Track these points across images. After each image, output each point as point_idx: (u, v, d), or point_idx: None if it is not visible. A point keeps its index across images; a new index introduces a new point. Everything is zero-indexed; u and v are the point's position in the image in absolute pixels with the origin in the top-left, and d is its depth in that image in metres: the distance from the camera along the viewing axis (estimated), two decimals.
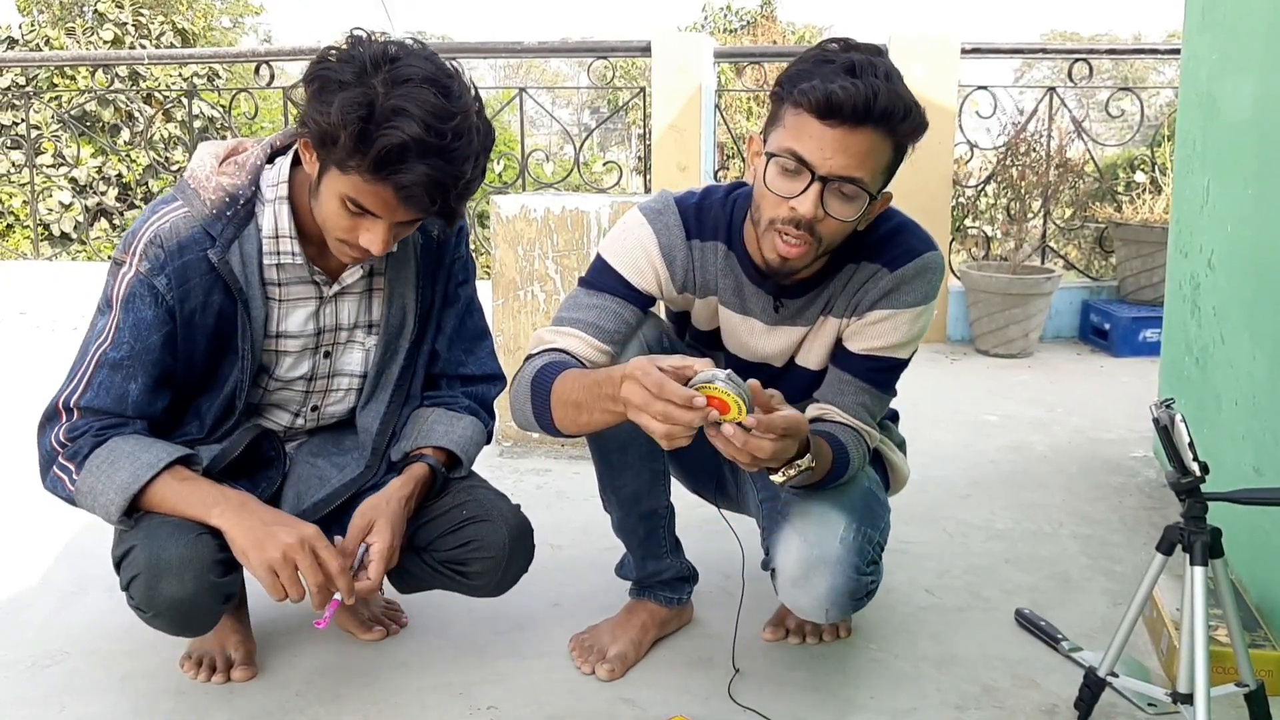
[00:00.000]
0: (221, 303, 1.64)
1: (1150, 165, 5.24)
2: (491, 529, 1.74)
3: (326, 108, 1.44)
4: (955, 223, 5.12)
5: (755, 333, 1.77)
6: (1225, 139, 2.44)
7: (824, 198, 1.51)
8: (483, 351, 1.90)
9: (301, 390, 1.79)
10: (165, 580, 1.54)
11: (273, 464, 1.80)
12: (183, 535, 1.56)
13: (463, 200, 1.53)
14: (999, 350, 4.46)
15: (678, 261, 1.73)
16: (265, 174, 1.65)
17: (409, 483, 1.73)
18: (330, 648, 1.94)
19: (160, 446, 1.61)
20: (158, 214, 1.61)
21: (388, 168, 1.44)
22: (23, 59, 8.84)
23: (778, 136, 1.53)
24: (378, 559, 1.64)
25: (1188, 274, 2.72)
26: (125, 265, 1.60)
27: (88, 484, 1.58)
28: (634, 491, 1.86)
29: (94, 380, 1.60)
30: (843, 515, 1.66)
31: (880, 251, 1.68)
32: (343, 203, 1.51)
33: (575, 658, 1.90)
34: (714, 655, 1.92)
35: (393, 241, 1.56)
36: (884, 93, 1.46)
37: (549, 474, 2.92)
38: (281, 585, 1.53)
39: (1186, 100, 2.83)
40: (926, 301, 1.69)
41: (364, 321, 1.79)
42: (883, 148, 1.51)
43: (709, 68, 4.82)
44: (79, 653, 1.93)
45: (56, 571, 2.28)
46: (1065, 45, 4.84)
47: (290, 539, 1.53)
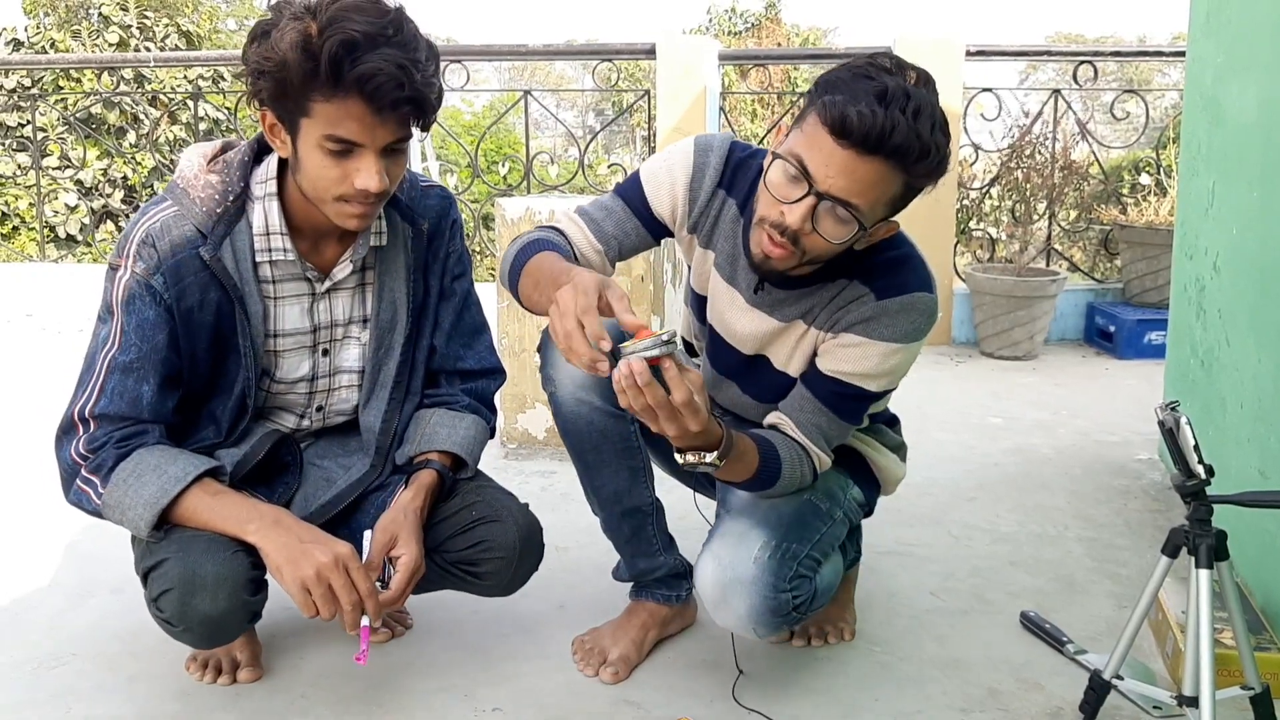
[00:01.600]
0: (219, 301, 1.64)
1: (1155, 168, 5.22)
2: (501, 529, 1.74)
3: (271, 49, 1.47)
4: (960, 225, 5.12)
5: (735, 307, 1.75)
6: (1230, 142, 2.44)
7: (816, 214, 1.49)
8: (481, 346, 1.90)
9: (305, 392, 1.80)
10: (199, 597, 1.55)
11: (289, 469, 1.80)
12: (218, 552, 1.57)
13: (431, 90, 1.52)
14: (1003, 352, 4.45)
15: (699, 201, 1.73)
16: (254, 172, 1.66)
17: (419, 493, 1.73)
18: (335, 650, 1.94)
19: (186, 459, 1.61)
20: (148, 215, 1.62)
21: (344, 69, 1.45)
22: (28, 61, 8.87)
23: (794, 139, 1.51)
24: (403, 570, 1.64)
25: (1193, 277, 2.71)
26: (121, 269, 1.60)
27: (115, 498, 1.58)
28: (614, 490, 1.86)
29: (107, 386, 1.60)
30: (762, 533, 1.66)
31: (875, 276, 1.64)
32: (324, 151, 1.52)
33: (578, 661, 1.90)
34: (718, 657, 1.92)
35: (386, 177, 1.55)
36: (902, 128, 1.41)
37: (554, 476, 2.92)
38: (314, 603, 1.54)
39: (1191, 103, 2.83)
40: (905, 340, 1.63)
41: (358, 316, 1.79)
42: (891, 181, 1.47)
43: (713, 70, 4.82)
44: (85, 654, 1.93)
45: (63, 573, 2.28)
46: (1070, 47, 4.81)
47: (325, 558, 1.54)
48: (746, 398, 1.83)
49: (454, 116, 12.07)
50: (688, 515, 2.09)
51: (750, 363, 1.79)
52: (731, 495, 1.79)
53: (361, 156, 1.53)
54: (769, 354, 1.76)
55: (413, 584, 1.66)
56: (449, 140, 6.82)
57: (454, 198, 1.87)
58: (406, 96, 1.48)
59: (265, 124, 1.57)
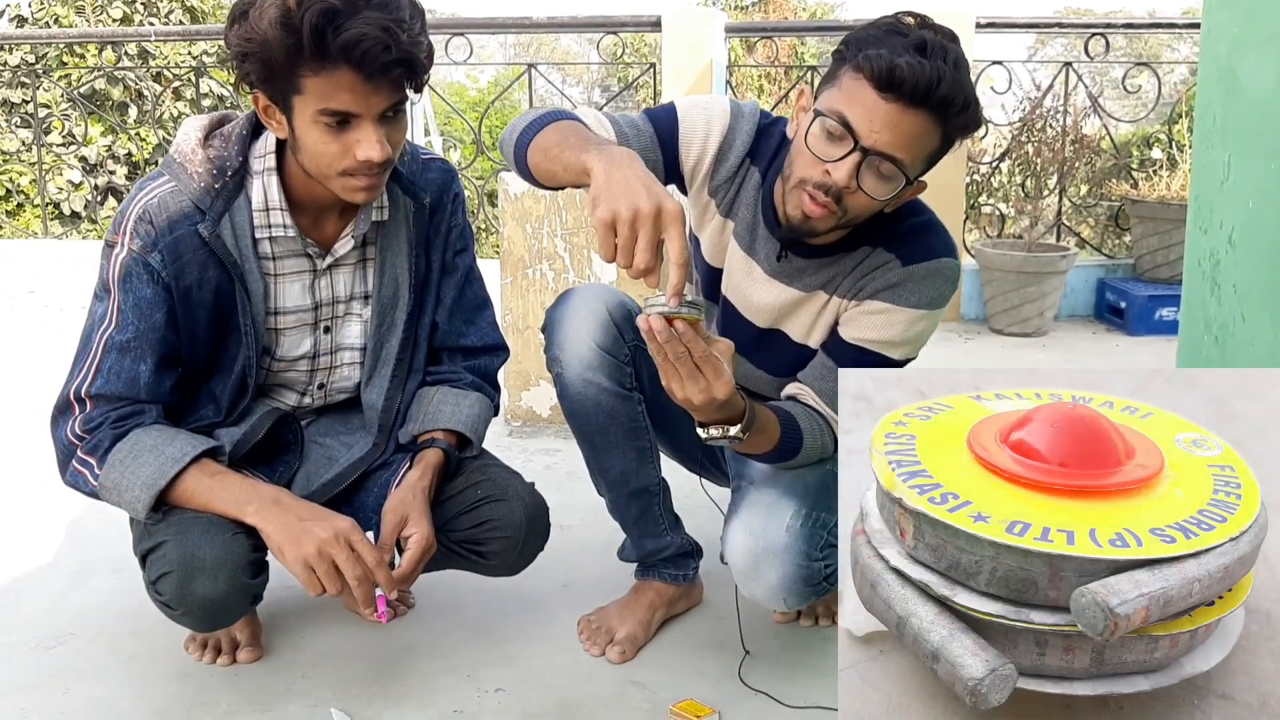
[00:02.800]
0: (218, 278, 1.61)
1: (1167, 142, 5.16)
2: (508, 508, 1.72)
3: (251, 29, 1.44)
4: (969, 200, 5.07)
5: (754, 278, 1.72)
6: (1246, 114, 2.39)
7: (860, 170, 1.47)
8: (484, 322, 1.87)
9: (306, 370, 1.77)
10: (199, 580, 1.53)
11: (290, 448, 1.78)
12: (218, 534, 1.54)
13: (419, 49, 1.48)
14: (1013, 329, 4.42)
15: (726, 166, 1.69)
16: (253, 146, 1.63)
17: (426, 472, 1.71)
18: (337, 630, 1.93)
19: (184, 439, 1.59)
20: (145, 191, 1.59)
21: (328, 39, 1.41)
22: (30, 35, 8.82)
23: (830, 97, 1.48)
24: (414, 547, 1.62)
25: (1207, 251, 2.67)
26: (117, 246, 1.57)
27: (112, 479, 1.56)
28: (621, 471, 1.84)
29: (103, 365, 1.58)
30: (791, 501, 1.65)
31: (899, 243, 1.63)
32: (321, 126, 1.49)
33: (584, 640, 1.89)
34: (724, 638, 1.90)
35: (388, 145, 1.51)
36: (949, 79, 1.42)
37: (558, 454, 2.89)
38: (319, 580, 1.52)
39: (1206, 75, 2.77)
40: (930, 307, 1.63)
41: (360, 293, 1.76)
42: (932, 135, 1.47)
43: (720, 43, 4.77)
44: (84, 634, 1.92)
45: (63, 553, 2.27)
46: (1081, 19, 4.75)
47: (325, 534, 1.52)
48: (760, 372, 1.80)
49: (459, 93, 12.01)
50: (693, 494, 2.06)
51: (764, 336, 1.76)
52: (750, 467, 1.77)
53: (360, 127, 1.50)
54: (785, 327, 1.73)
55: (424, 561, 1.64)
56: (454, 117, 6.77)
57: (456, 171, 1.83)
58: (396, 59, 1.44)
59: (259, 107, 1.54)
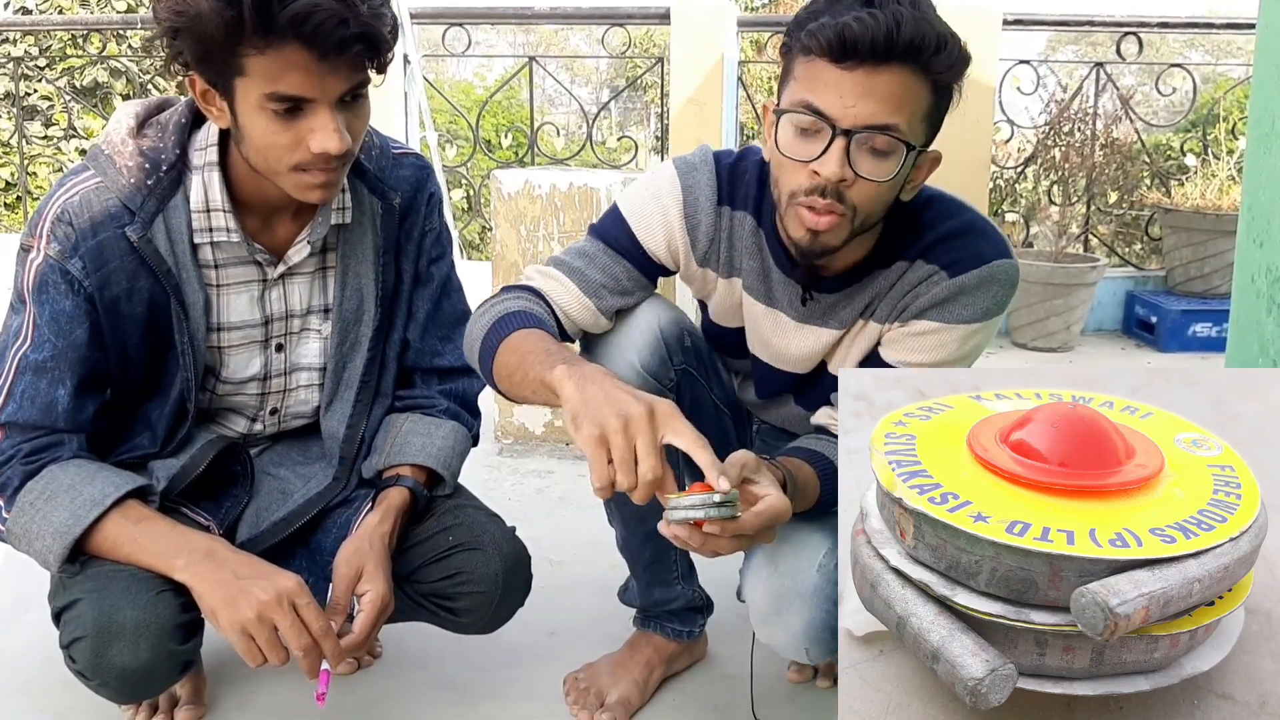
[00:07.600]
0: (151, 289, 1.40)
1: (1202, 148, 4.93)
2: (483, 559, 1.51)
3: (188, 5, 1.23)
4: (993, 207, 4.85)
5: (781, 329, 1.51)
6: None
7: (850, 155, 1.24)
8: (461, 339, 1.65)
9: (256, 393, 1.56)
10: (116, 647, 1.32)
11: (238, 480, 1.57)
12: (140, 593, 1.33)
13: (381, 21, 1.28)
14: (1038, 343, 4.22)
15: (702, 228, 1.47)
16: (193, 137, 1.41)
17: (387, 516, 1.50)
18: (291, 684, 1.71)
19: (105, 477, 1.38)
20: (65, 187, 1.37)
21: (274, 11, 1.21)
22: (29, 22, 8.67)
23: (789, 91, 1.28)
24: (369, 609, 1.41)
25: (1263, 266, 2.45)
26: (33, 251, 1.36)
27: (20, 525, 1.35)
28: (639, 508, 1.62)
29: (15, 389, 1.37)
30: (824, 538, 1.44)
31: (941, 252, 1.40)
32: (268, 114, 1.28)
33: (571, 704, 1.67)
34: (731, 701, 1.69)
35: (347, 134, 1.31)
36: (908, 21, 1.20)
37: (551, 476, 2.67)
38: (259, 650, 1.31)
39: (1263, 73, 2.55)
40: (986, 318, 1.41)
41: (318, 306, 1.55)
42: (917, 89, 1.24)
43: (732, 38, 4.57)
44: (11, 686, 1.71)
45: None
46: (1113, 17, 4.53)
47: (266, 595, 1.30)
48: (799, 409, 1.61)
49: (466, 91, 11.85)
50: None
51: (804, 378, 1.56)
52: None
53: (314, 114, 1.29)
54: (832, 366, 1.53)
55: (380, 624, 1.43)
56: (457, 116, 6.57)
57: (431, 167, 1.62)
58: (354, 34, 1.23)
59: (195, 92, 1.33)
